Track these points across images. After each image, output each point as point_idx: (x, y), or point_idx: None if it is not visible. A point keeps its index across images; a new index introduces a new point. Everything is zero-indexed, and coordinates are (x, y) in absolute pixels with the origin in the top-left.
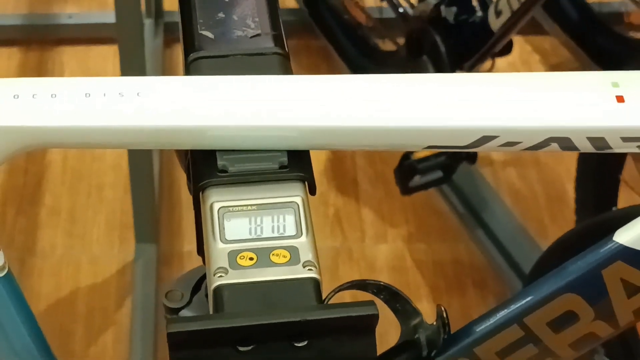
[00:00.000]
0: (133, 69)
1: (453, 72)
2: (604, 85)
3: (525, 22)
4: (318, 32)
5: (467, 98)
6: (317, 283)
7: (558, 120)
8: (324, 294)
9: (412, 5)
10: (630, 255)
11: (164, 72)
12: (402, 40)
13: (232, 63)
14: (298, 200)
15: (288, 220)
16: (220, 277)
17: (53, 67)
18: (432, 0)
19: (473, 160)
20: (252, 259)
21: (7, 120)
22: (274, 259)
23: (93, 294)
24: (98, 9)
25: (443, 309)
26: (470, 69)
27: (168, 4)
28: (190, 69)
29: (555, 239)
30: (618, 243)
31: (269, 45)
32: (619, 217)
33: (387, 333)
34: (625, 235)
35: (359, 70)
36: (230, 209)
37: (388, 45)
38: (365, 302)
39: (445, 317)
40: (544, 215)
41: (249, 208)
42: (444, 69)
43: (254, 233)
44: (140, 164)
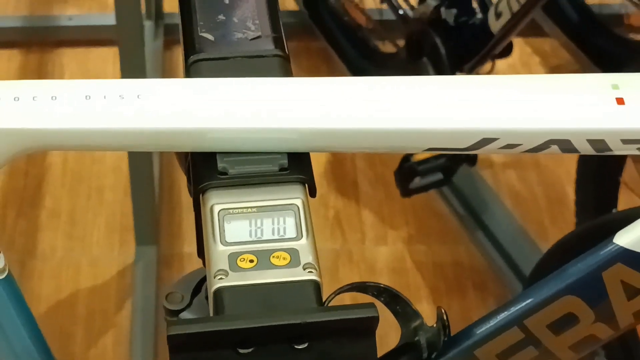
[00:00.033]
0: (133, 71)
1: (453, 74)
2: (604, 88)
3: (525, 24)
4: (318, 34)
5: (467, 100)
6: (317, 285)
7: (558, 123)
8: (324, 296)
9: (412, 7)
10: (631, 258)
11: (164, 74)
12: (402, 42)
13: (232, 65)
14: (298, 203)
15: (288, 223)
16: (221, 279)
17: (53, 69)
18: (432, 2)
19: (473, 162)
20: (252, 262)
21: (7, 123)
22: (274, 262)
23: (93, 296)
24: (98, 11)
25: (443, 311)
26: (471, 71)
27: (168, 6)
28: (191, 71)
29: (556, 241)
30: (618, 245)
31: (269, 48)
32: (619, 219)
33: (387, 335)
34: (626, 238)
35: (359, 72)
36: (231, 211)
37: (388, 47)
38: (366, 304)
39: (446, 319)
40: (544, 217)
41: (249, 210)
42: (444, 71)
43: (254, 235)
44: (141, 166)
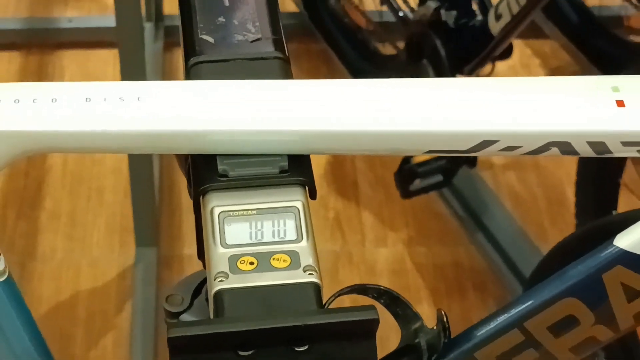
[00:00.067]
0: (133, 73)
1: (453, 76)
2: (604, 90)
3: (525, 25)
4: (318, 35)
5: (467, 102)
6: (317, 287)
7: (558, 125)
8: (324, 298)
9: (412, 9)
10: (631, 260)
11: (164, 76)
12: (402, 44)
13: (232, 67)
14: (298, 205)
15: (288, 225)
16: (221, 281)
17: (53, 71)
18: (432, 4)
19: (473, 164)
20: (252, 264)
21: (7, 125)
22: (275, 264)
23: (93, 298)
24: (98, 13)
25: (443, 313)
26: (471, 73)
27: (168, 8)
28: (191, 73)
29: (556, 243)
30: (618, 247)
31: (270, 50)
32: (619, 221)
33: (387, 337)
34: (626, 240)
35: (359, 74)
36: (231, 214)
37: (388, 49)
38: (366, 306)
39: (446, 321)
40: (544, 219)
41: (250, 212)
42: (444, 73)
43: (255, 237)
44: (141, 168)
